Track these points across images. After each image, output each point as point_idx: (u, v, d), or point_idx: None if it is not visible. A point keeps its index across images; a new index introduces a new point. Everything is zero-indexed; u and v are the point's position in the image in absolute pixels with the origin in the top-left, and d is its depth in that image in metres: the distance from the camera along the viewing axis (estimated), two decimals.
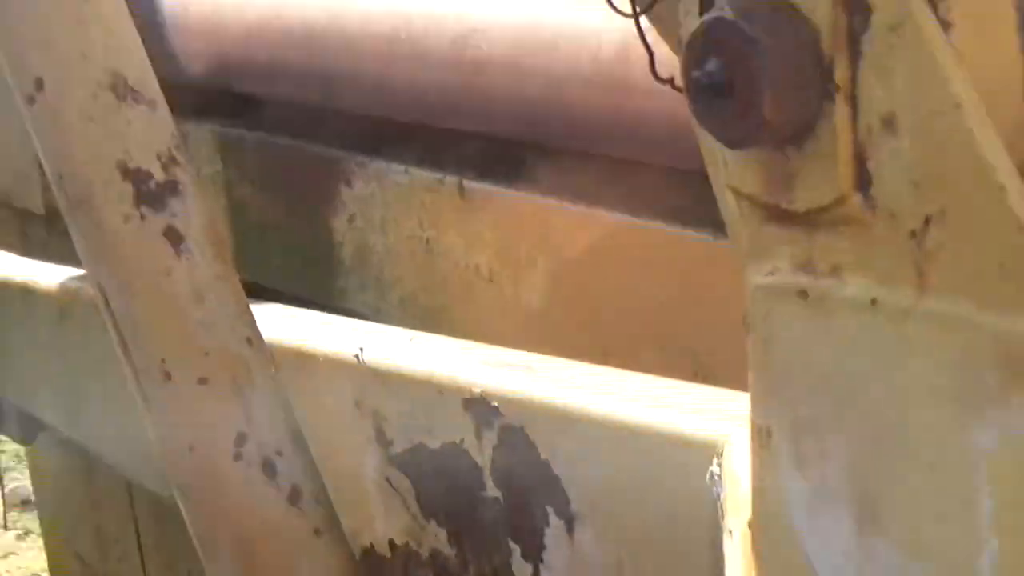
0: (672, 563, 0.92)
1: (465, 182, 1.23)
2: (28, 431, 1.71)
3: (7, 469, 3.27)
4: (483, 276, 1.24)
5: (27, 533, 3.34)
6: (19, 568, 3.29)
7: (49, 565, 2.01)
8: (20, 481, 3.38)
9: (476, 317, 1.27)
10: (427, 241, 1.28)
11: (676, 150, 0.76)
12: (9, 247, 1.71)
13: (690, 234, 1.01)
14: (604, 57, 1.08)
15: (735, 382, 0.77)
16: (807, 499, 0.68)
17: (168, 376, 1.11)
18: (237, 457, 1.09)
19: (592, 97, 1.12)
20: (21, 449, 2.85)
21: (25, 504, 3.36)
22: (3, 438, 1.84)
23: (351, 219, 1.34)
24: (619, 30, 0.80)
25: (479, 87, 1.21)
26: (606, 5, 0.80)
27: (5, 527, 3.46)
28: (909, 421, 0.63)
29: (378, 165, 1.32)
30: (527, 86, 1.16)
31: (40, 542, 2.15)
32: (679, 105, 0.69)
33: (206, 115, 1.50)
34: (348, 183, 1.34)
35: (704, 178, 0.77)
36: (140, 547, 1.73)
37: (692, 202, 0.80)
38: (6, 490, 3.46)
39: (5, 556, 3.40)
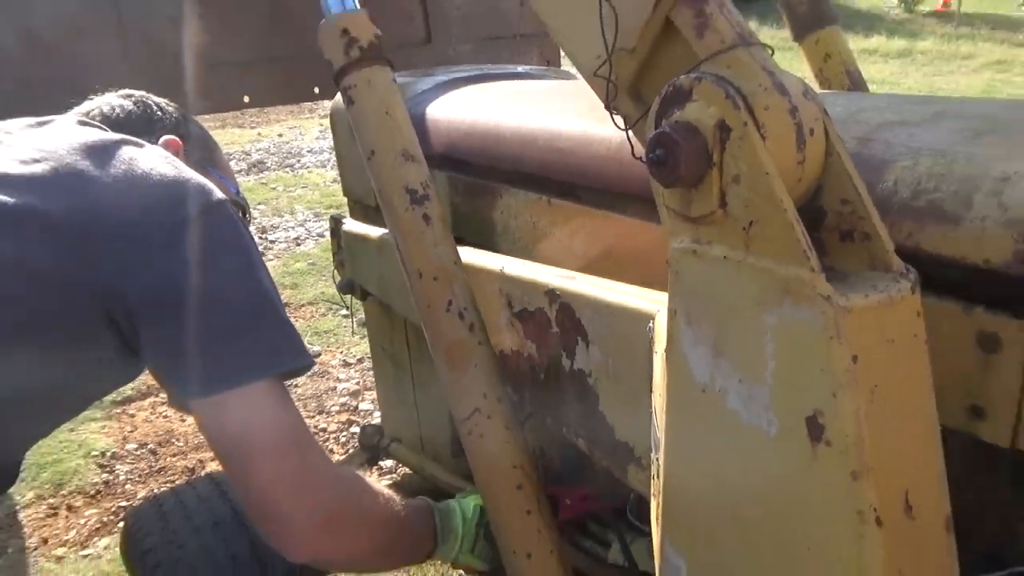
0: (631, 363, 0.90)
1: (552, 199, 1.21)
2: (364, 295, 1.73)
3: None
4: (564, 243, 1.20)
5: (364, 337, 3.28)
6: (363, 350, 3.31)
7: (372, 354, 2.03)
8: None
9: (551, 254, 1.24)
10: (534, 224, 1.26)
11: (646, 186, 0.73)
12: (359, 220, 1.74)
13: (652, 223, 0.97)
14: (615, 145, 1.05)
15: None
16: (690, 340, 0.66)
17: (419, 275, 1.10)
18: (448, 309, 1.08)
19: (610, 165, 1.10)
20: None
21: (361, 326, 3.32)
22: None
23: (501, 212, 1.32)
24: (622, 135, 0.78)
25: (561, 161, 1.19)
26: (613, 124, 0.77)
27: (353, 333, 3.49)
28: (736, 309, 0.61)
29: (515, 190, 1.30)
30: (580, 160, 1.14)
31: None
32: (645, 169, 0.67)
33: (443, 168, 1.48)
34: (502, 197, 1.32)
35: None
36: (408, 348, 1.74)
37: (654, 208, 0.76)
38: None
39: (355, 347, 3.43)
